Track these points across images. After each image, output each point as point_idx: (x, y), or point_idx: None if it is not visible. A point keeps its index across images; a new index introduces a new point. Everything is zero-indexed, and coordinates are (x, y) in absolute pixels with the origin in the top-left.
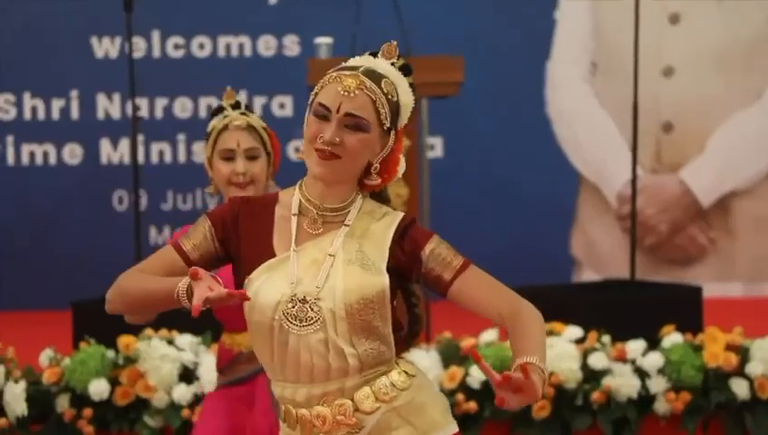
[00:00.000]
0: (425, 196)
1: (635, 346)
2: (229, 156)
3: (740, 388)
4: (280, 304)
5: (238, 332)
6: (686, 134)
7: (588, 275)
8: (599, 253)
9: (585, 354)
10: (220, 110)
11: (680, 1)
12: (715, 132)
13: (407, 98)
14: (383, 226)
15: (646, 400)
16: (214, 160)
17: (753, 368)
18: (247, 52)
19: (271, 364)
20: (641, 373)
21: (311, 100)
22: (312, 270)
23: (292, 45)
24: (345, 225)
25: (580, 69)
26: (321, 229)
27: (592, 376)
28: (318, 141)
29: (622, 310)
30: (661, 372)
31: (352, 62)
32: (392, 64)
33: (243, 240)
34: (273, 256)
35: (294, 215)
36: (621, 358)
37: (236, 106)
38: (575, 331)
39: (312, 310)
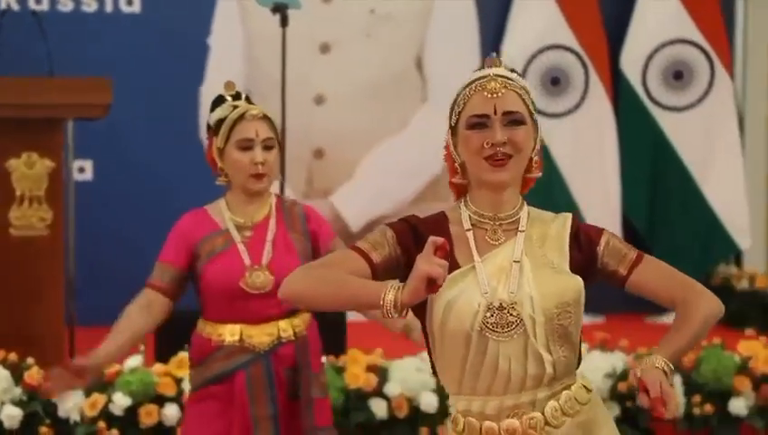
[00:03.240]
0: (71, 219)
1: None
2: (248, 145)
3: (379, 408)
4: (478, 313)
5: (223, 321)
6: (337, 160)
7: None
8: None
9: None
10: (221, 100)
11: (331, 31)
12: (365, 159)
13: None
14: (557, 227)
15: None
16: (228, 151)
17: (392, 388)
18: None
19: (460, 377)
20: None
21: (453, 121)
22: (501, 278)
23: None
24: (520, 231)
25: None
26: (503, 238)
27: None
28: (486, 148)
29: None
30: None
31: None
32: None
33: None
34: (457, 268)
35: (469, 230)
36: None
37: (237, 97)
38: None
39: (511, 315)
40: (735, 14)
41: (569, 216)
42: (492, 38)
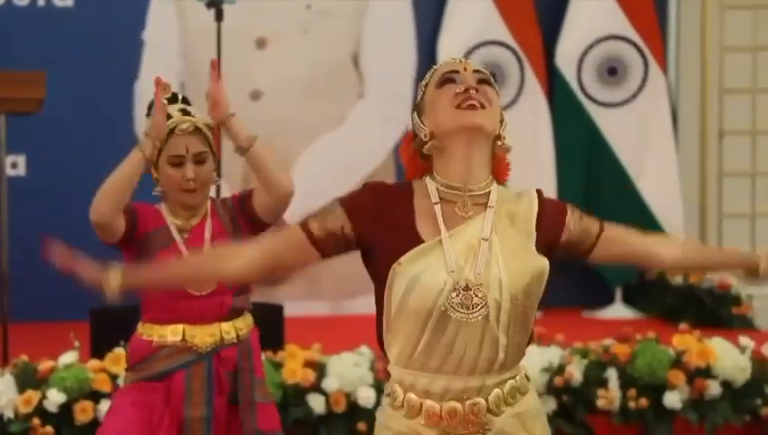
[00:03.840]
0: (3, 215)
1: None
2: (179, 161)
3: (317, 403)
4: (443, 291)
5: (165, 322)
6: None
7: None
8: None
9: None
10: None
11: (267, 26)
12: (302, 155)
13: None
14: (526, 205)
15: None
16: (161, 165)
17: (330, 383)
18: None
19: (411, 352)
20: None
21: (420, 96)
22: (469, 256)
23: None
24: (490, 206)
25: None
26: (471, 212)
27: None
28: (459, 94)
29: None
30: None
31: None
32: None
33: (386, 228)
34: (421, 242)
35: (437, 203)
36: None
37: (174, 100)
38: None
39: (476, 296)
40: (668, 11)
41: (534, 194)
42: (428, 35)
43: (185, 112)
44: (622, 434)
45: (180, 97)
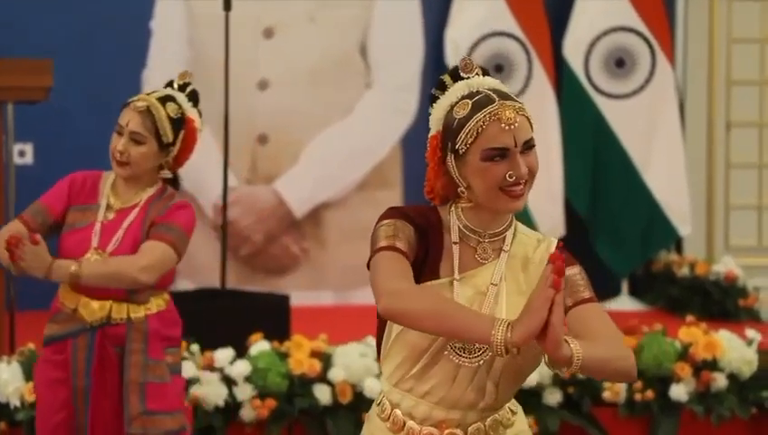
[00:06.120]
0: (11, 203)
1: (223, 355)
2: (119, 131)
3: (322, 393)
4: None
5: (72, 289)
6: (281, 146)
7: (183, 284)
8: (195, 263)
9: None
10: (169, 85)
11: (274, 15)
12: (309, 145)
13: None
14: (541, 253)
15: (232, 407)
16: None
17: (335, 374)
18: None
19: (403, 375)
20: (229, 381)
21: (462, 149)
22: (475, 302)
23: None
24: (504, 251)
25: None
26: (491, 257)
27: None
28: (508, 180)
29: (212, 318)
30: (248, 379)
31: (483, 87)
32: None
33: (421, 252)
34: (438, 276)
35: (456, 243)
36: (210, 367)
37: (183, 88)
38: None
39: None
40: (676, 2)
41: (553, 241)
42: (435, 24)
43: (191, 98)
44: (628, 426)
45: (188, 90)
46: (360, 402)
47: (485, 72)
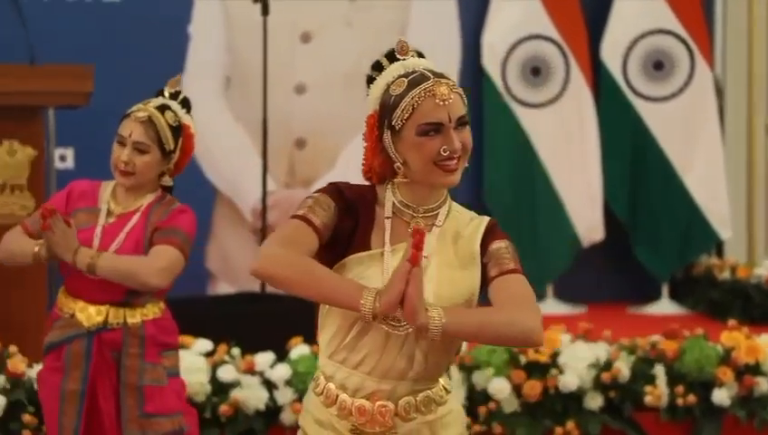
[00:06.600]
0: None
1: (263, 358)
2: (122, 141)
3: None
4: None
5: (70, 295)
6: (318, 150)
7: (223, 287)
8: (233, 266)
9: (214, 367)
10: (160, 93)
11: (311, 20)
12: (346, 149)
13: None
14: (472, 229)
15: (273, 411)
16: (115, 143)
17: None
18: None
19: (337, 346)
20: (269, 385)
21: (398, 124)
22: None
23: None
24: (437, 226)
25: (214, 83)
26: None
27: (221, 389)
28: (443, 154)
29: (252, 322)
30: (288, 383)
31: (418, 67)
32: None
33: (357, 226)
34: (369, 249)
35: (388, 218)
36: (250, 370)
37: (174, 96)
38: (204, 344)
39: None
40: (715, 5)
41: (485, 219)
42: (472, 28)
43: (184, 105)
44: (670, 431)
45: (180, 98)
46: None
47: (420, 55)
